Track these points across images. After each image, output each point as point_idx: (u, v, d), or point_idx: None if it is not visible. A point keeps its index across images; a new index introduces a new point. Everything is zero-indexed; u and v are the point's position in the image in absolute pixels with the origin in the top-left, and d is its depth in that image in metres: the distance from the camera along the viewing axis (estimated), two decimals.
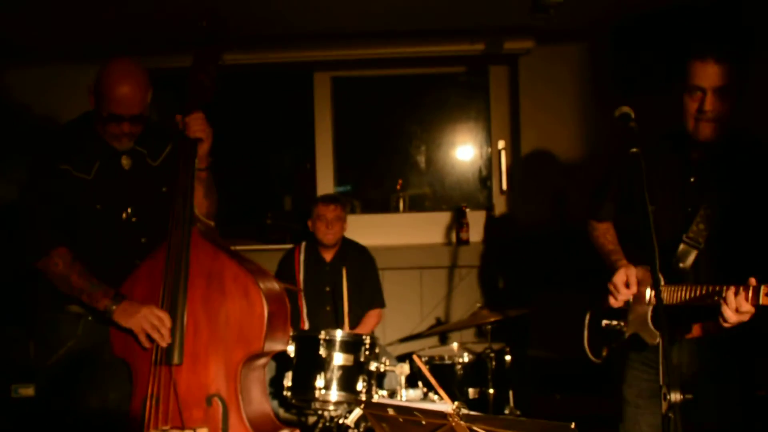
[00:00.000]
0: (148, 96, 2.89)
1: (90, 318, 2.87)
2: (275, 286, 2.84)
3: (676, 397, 1.89)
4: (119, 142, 2.92)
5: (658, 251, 2.58)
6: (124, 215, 2.96)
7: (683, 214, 2.65)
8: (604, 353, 2.87)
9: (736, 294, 2.28)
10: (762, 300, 2.24)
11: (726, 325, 2.34)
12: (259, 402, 2.82)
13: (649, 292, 2.64)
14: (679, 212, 2.66)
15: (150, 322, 2.65)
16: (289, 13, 4.38)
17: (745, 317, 2.31)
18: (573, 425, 1.78)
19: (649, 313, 2.61)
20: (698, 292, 2.43)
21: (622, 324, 2.74)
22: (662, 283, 2.53)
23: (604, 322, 2.83)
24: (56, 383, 2.93)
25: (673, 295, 2.52)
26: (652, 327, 2.59)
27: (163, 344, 2.66)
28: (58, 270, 2.78)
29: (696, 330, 2.65)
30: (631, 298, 2.70)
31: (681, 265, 2.59)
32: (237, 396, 2.65)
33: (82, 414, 2.83)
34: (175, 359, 2.66)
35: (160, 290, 2.71)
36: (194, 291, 2.71)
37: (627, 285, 2.67)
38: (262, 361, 2.84)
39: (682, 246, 2.62)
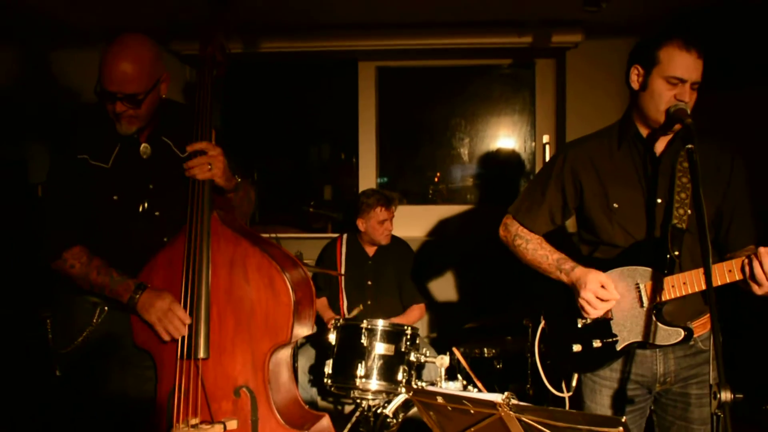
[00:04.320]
0: (154, 78, 2.69)
1: (106, 308, 2.80)
2: (300, 270, 2.74)
3: (726, 396, 1.86)
4: (120, 125, 2.71)
5: (641, 245, 2.57)
6: (141, 208, 2.82)
7: (656, 205, 2.57)
8: (575, 382, 2.74)
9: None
10: None
11: (760, 291, 2.30)
12: (288, 389, 2.76)
13: (642, 293, 2.54)
14: (651, 204, 2.58)
15: (169, 318, 2.59)
16: (334, 1, 4.38)
17: None
18: (623, 419, 1.76)
19: (652, 315, 2.51)
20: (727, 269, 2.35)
21: (613, 339, 2.59)
22: (661, 275, 2.48)
23: (576, 347, 2.67)
24: (74, 371, 2.85)
25: (685, 282, 2.43)
26: (664, 326, 2.49)
27: (177, 337, 2.59)
28: (75, 271, 2.69)
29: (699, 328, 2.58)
30: (609, 311, 2.58)
31: (676, 253, 2.48)
32: (266, 386, 2.60)
33: (99, 403, 2.78)
34: (201, 353, 2.59)
35: (180, 280, 2.63)
36: (217, 281, 2.62)
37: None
38: (290, 347, 2.76)
39: (670, 235, 2.50)
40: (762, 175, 2.88)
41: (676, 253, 2.48)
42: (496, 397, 1.87)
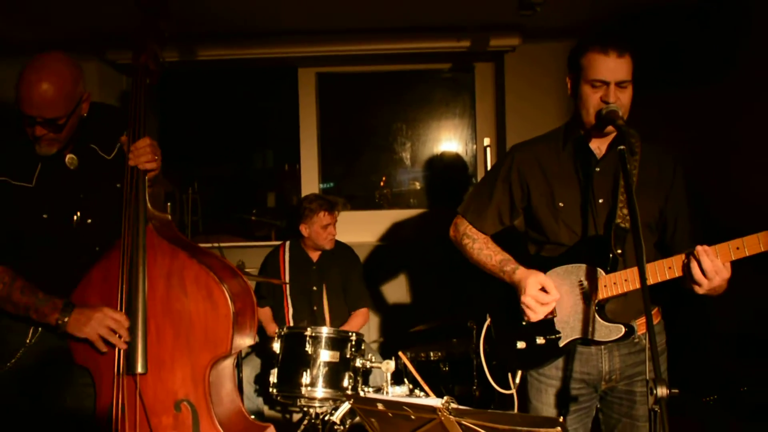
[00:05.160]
0: (75, 100, 2.61)
1: (40, 328, 2.71)
2: (240, 280, 2.70)
3: (662, 391, 1.89)
4: (39, 147, 2.62)
5: (586, 243, 2.61)
6: (74, 219, 2.75)
7: (598, 205, 2.62)
8: (518, 380, 2.76)
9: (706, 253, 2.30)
10: (733, 255, 2.28)
11: (700, 290, 2.34)
12: (230, 401, 2.73)
13: (585, 290, 2.58)
14: (594, 203, 2.62)
15: (106, 326, 2.52)
16: (273, 7, 4.35)
17: (716, 281, 2.31)
18: (561, 419, 1.77)
19: (595, 311, 2.55)
20: (665, 265, 2.40)
21: (555, 336, 2.62)
22: (603, 274, 2.53)
23: (520, 343, 2.69)
24: (9, 392, 2.74)
25: (626, 279, 2.47)
26: (605, 323, 2.54)
27: (123, 347, 2.53)
28: None
29: (642, 326, 2.62)
30: (553, 307, 2.61)
31: (619, 251, 2.52)
32: (207, 399, 2.56)
33: (38, 423, 2.71)
34: (139, 368, 2.54)
35: (116, 295, 2.57)
36: (154, 294, 2.57)
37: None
38: (231, 358, 2.73)
39: (613, 234, 2.54)
40: (706, 171, 2.96)
41: (619, 251, 2.53)
42: (436, 402, 1.87)
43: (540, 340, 2.65)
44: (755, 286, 3.41)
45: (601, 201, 2.62)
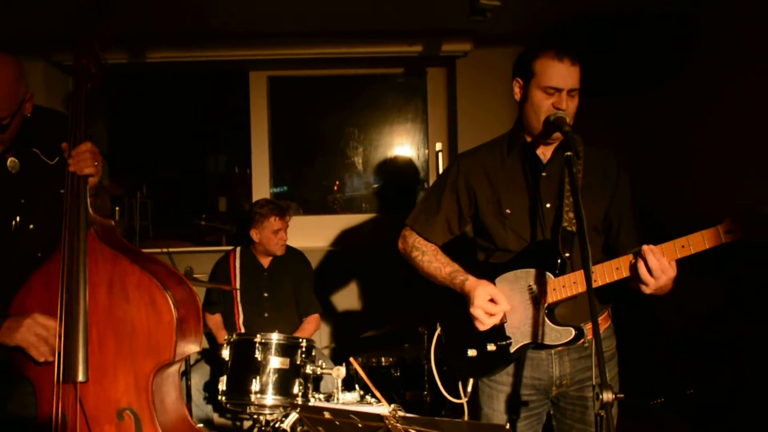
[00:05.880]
0: (18, 100, 2.57)
1: None
2: (184, 287, 2.64)
3: (608, 396, 1.90)
4: None
5: (534, 248, 2.63)
6: (13, 224, 2.68)
7: (545, 210, 2.64)
8: (470, 388, 2.75)
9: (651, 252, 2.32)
10: (679, 253, 2.30)
11: (647, 289, 2.36)
12: (175, 409, 2.66)
13: (534, 294, 2.59)
14: (542, 208, 2.65)
15: (35, 332, 2.45)
16: (224, 10, 4.30)
17: (663, 280, 2.33)
18: (508, 426, 1.77)
19: (545, 315, 2.57)
20: (611, 267, 2.42)
21: (506, 342, 2.63)
22: (552, 277, 2.54)
23: (471, 351, 2.69)
24: None
25: (575, 281, 2.50)
26: (555, 326, 2.55)
27: (50, 358, 2.46)
28: None
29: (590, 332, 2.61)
30: (503, 315, 2.62)
31: (567, 255, 2.55)
32: (150, 407, 2.50)
33: None
34: (80, 377, 2.46)
35: (57, 301, 2.49)
36: (95, 301, 2.51)
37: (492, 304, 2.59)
38: (176, 366, 2.67)
39: (561, 238, 2.57)
40: (645, 175, 3.01)
41: (567, 255, 2.54)
42: (383, 411, 1.86)
43: (491, 347, 2.64)
44: (700, 288, 3.48)
45: (548, 206, 2.63)
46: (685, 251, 2.31)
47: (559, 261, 2.55)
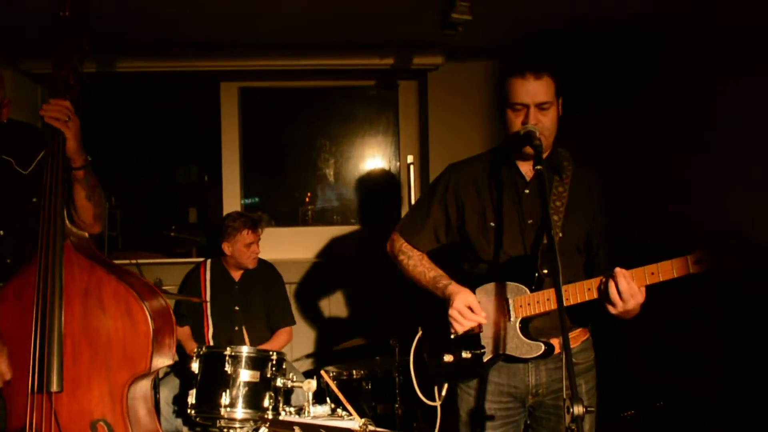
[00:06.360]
0: None
1: None
2: (159, 298, 2.65)
3: (578, 410, 1.91)
4: None
5: (514, 262, 2.67)
6: None
7: (527, 225, 2.69)
8: (444, 392, 2.77)
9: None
10: (648, 279, 2.33)
11: (614, 310, 2.38)
12: (148, 422, 2.66)
13: (510, 307, 2.62)
14: (524, 224, 2.69)
15: None
16: (196, 20, 4.28)
17: (631, 303, 2.35)
18: None
19: (517, 328, 2.60)
20: (585, 287, 2.45)
21: (480, 350, 2.67)
22: (528, 292, 2.58)
23: (447, 357, 2.74)
24: None
25: (549, 299, 2.52)
26: (527, 340, 2.59)
27: (8, 376, 2.43)
28: None
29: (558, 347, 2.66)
30: (478, 324, 2.66)
31: (544, 271, 2.59)
32: (125, 419, 2.49)
33: None
34: (54, 386, 2.45)
35: (31, 311, 2.48)
36: (71, 310, 2.50)
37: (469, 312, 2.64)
38: (150, 378, 2.67)
39: (540, 254, 2.62)
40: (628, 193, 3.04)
41: (545, 271, 2.59)
42: (354, 425, 1.85)
43: (466, 354, 2.69)
44: (669, 301, 3.51)
45: (530, 222, 2.69)
46: (654, 278, 2.34)
47: (536, 276, 2.59)
